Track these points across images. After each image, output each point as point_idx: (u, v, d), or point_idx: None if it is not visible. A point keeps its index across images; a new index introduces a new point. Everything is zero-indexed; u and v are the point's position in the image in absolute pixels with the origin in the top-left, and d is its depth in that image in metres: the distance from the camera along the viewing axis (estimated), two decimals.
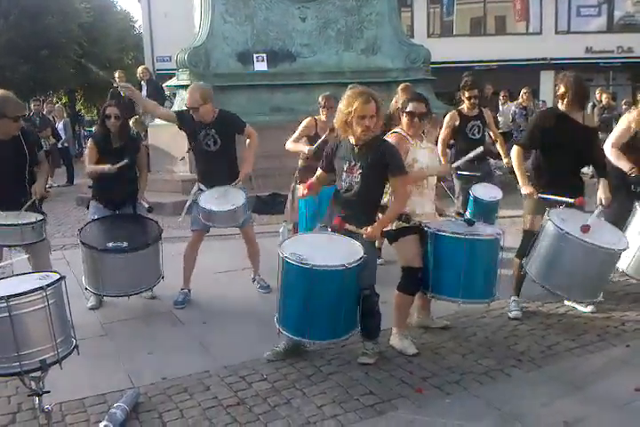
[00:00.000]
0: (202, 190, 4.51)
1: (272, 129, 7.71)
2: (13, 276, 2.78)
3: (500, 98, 11.52)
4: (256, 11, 9.96)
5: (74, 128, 16.37)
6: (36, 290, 2.42)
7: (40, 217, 3.97)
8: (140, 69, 11.68)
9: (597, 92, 11.73)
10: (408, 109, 3.62)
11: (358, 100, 3.25)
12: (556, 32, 23.30)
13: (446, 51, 19.10)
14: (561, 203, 3.80)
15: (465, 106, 5.61)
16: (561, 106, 3.97)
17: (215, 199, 4.30)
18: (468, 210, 5.30)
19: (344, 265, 3.06)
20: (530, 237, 3.91)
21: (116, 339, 3.98)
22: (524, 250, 3.93)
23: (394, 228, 3.61)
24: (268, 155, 5.22)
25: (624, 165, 4.26)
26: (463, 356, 3.56)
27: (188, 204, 4.68)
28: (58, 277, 2.57)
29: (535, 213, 3.98)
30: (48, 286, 2.46)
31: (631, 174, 4.22)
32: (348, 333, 3.30)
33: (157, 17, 22.63)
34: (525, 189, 3.96)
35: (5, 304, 2.35)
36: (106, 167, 4.32)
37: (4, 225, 3.80)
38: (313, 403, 3.05)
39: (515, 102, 10.47)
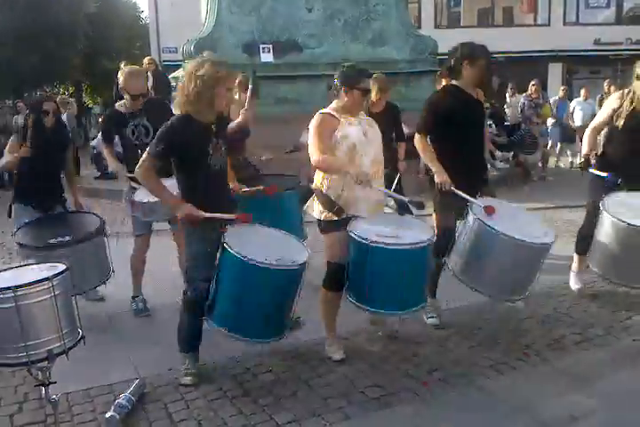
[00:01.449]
0: (135, 188, 4.16)
1: (277, 120, 7.70)
2: (20, 266, 2.78)
3: (508, 90, 11.43)
4: (262, 1, 9.90)
5: (80, 119, 16.36)
6: (42, 280, 2.43)
7: None
8: (145, 60, 11.60)
9: (606, 84, 11.62)
10: (363, 85, 3.32)
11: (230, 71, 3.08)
12: (565, 24, 23.09)
13: (453, 42, 18.80)
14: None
15: None
16: None
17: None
18: None
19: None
20: (446, 235, 3.62)
21: (122, 330, 4.00)
22: (441, 248, 3.59)
23: (322, 218, 3.36)
24: (273, 145, 5.22)
25: (585, 148, 4.25)
26: (469, 349, 3.55)
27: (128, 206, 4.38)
28: (64, 267, 2.57)
29: (449, 210, 3.72)
30: (54, 276, 2.46)
31: (583, 157, 4.21)
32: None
33: (164, 7, 22.54)
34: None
35: (12, 294, 2.35)
36: (19, 153, 4.09)
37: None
38: (318, 395, 3.05)
39: (524, 94, 10.38)
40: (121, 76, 4.23)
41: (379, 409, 2.92)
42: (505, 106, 11.00)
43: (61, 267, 2.57)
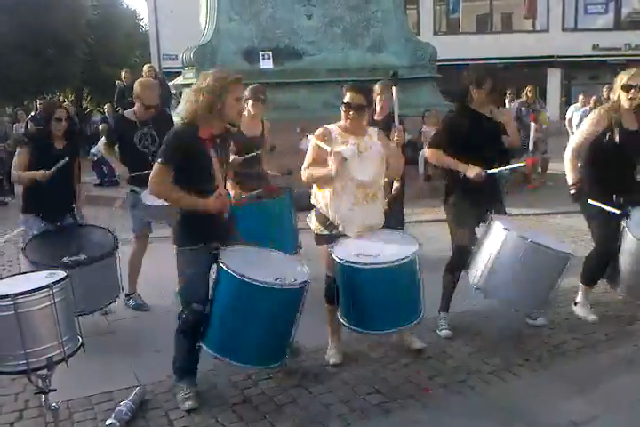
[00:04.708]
0: (136, 191, 4.31)
1: (277, 127, 7.71)
2: (20, 274, 2.78)
3: (507, 96, 11.46)
4: (262, 9, 9.96)
5: (80, 126, 16.39)
6: (42, 288, 2.43)
7: None
8: (145, 68, 11.64)
9: (604, 89, 11.64)
10: (345, 100, 3.28)
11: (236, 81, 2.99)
12: (563, 29, 23.21)
13: (452, 48, 19.04)
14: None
15: None
16: None
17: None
18: None
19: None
20: (462, 252, 3.70)
21: (122, 337, 3.99)
22: (457, 264, 3.75)
23: (315, 231, 3.37)
24: (274, 152, 5.26)
25: (570, 175, 3.92)
26: (470, 355, 3.55)
27: (129, 208, 4.47)
28: (64, 275, 2.57)
29: (465, 226, 3.75)
30: (54, 283, 2.47)
31: (570, 190, 3.90)
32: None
33: (163, 15, 22.65)
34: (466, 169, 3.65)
35: (12, 302, 2.36)
36: (38, 174, 3.95)
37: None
38: (319, 402, 3.04)
39: (518, 100, 10.40)
40: (138, 87, 4.36)
41: (379, 416, 2.91)
42: None
43: (61, 274, 2.58)
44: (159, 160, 2.87)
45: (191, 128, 2.94)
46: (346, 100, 3.27)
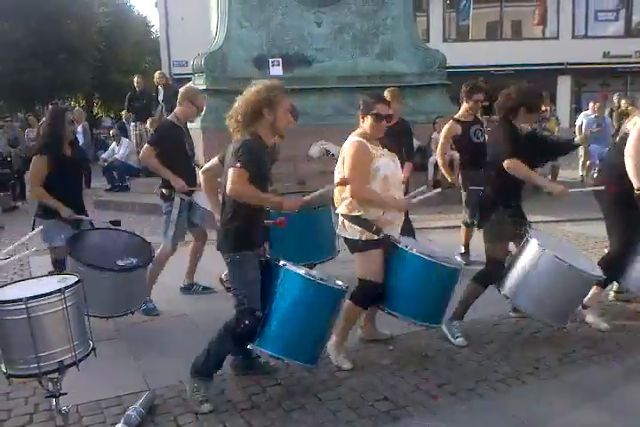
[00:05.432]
0: (183, 199, 4.45)
1: (287, 133, 7.74)
2: (32, 278, 2.80)
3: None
4: (272, 16, 10.01)
5: (92, 131, 16.55)
6: (54, 292, 2.45)
7: None
8: (156, 75, 11.78)
9: (615, 97, 11.61)
10: (375, 111, 3.43)
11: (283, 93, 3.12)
12: (574, 37, 23.18)
13: (462, 55, 19.06)
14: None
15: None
16: None
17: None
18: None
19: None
20: (497, 265, 3.78)
21: (131, 341, 4.00)
22: (488, 277, 3.82)
23: (363, 238, 3.44)
24: (282, 159, 5.27)
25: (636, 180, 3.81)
26: (479, 363, 3.54)
27: (176, 213, 4.52)
28: (76, 279, 2.59)
29: (504, 240, 3.84)
30: (66, 288, 2.49)
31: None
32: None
33: (174, 21, 22.84)
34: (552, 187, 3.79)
35: (24, 306, 2.38)
36: (65, 212, 4.03)
37: None
38: (327, 408, 3.04)
39: None
40: (190, 92, 4.60)
41: (388, 423, 2.90)
42: None
43: (73, 279, 2.59)
44: (238, 165, 2.94)
45: (260, 139, 3.07)
46: (381, 111, 3.43)
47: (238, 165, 2.93)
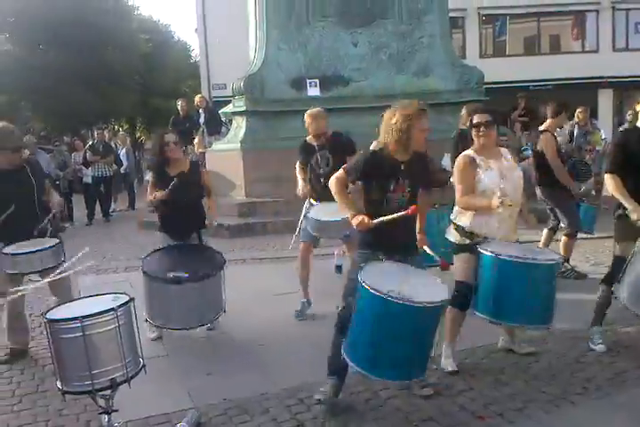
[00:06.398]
0: (312, 205, 4.86)
1: None
2: (84, 297, 2.90)
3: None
4: (309, 38, 10.20)
5: (134, 154, 17.05)
6: (107, 311, 2.53)
7: (56, 241, 4.05)
8: (197, 98, 12.10)
9: None
10: (474, 121, 3.63)
11: (418, 114, 3.20)
12: (614, 50, 22.81)
13: (499, 71, 18.95)
14: None
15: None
16: None
17: (325, 212, 4.57)
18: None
19: (443, 299, 2.88)
20: (621, 264, 3.70)
21: (176, 359, 4.08)
22: (613, 276, 3.75)
23: (456, 242, 3.65)
24: None
25: None
26: (526, 382, 3.47)
27: (301, 219, 5.00)
28: (127, 298, 2.67)
29: (628, 239, 3.76)
30: (119, 306, 2.57)
31: None
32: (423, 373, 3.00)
33: (213, 46, 23.40)
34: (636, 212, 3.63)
35: (79, 324, 2.47)
36: (158, 194, 4.34)
37: (22, 254, 3.88)
38: None
39: (570, 122, 10.22)
40: (307, 118, 4.88)
41: None
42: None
43: (125, 298, 2.68)
44: (345, 167, 3.31)
45: (376, 152, 3.31)
46: (474, 121, 3.61)
47: (345, 166, 3.33)
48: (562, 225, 5.80)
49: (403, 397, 3.34)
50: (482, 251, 3.45)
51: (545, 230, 5.88)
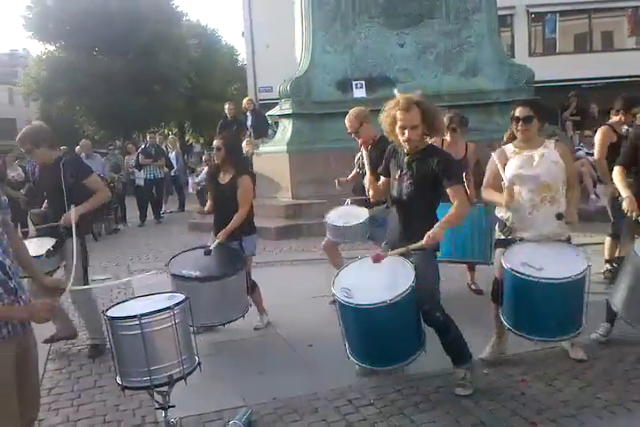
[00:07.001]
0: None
1: None
2: (142, 296, 3.00)
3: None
4: (355, 40, 10.20)
5: (184, 158, 17.42)
6: (164, 309, 2.62)
7: (43, 251, 4.17)
8: (245, 101, 12.28)
9: None
10: (515, 114, 3.63)
11: (396, 109, 3.32)
12: None
13: (550, 69, 18.49)
14: None
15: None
16: None
17: (340, 217, 4.68)
18: None
19: (385, 301, 2.99)
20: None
21: (227, 358, 4.15)
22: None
23: (496, 236, 3.77)
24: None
25: None
26: (580, 389, 3.39)
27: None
28: (183, 297, 2.75)
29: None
30: (175, 305, 2.65)
31: None
32: (411, 356, 3.26)
33: (259, 49, 23.64)
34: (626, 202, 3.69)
35: (138, 322, 2.55)
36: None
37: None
38: None
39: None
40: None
41: None
42: None
43: (180, 297, 2.76)
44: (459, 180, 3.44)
45: None
46: (515, 114, 3.62)
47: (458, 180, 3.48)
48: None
49: (452, 401, 3.31)
50: (502, 259, 3.47)
51: (607, 239, 5.41)
